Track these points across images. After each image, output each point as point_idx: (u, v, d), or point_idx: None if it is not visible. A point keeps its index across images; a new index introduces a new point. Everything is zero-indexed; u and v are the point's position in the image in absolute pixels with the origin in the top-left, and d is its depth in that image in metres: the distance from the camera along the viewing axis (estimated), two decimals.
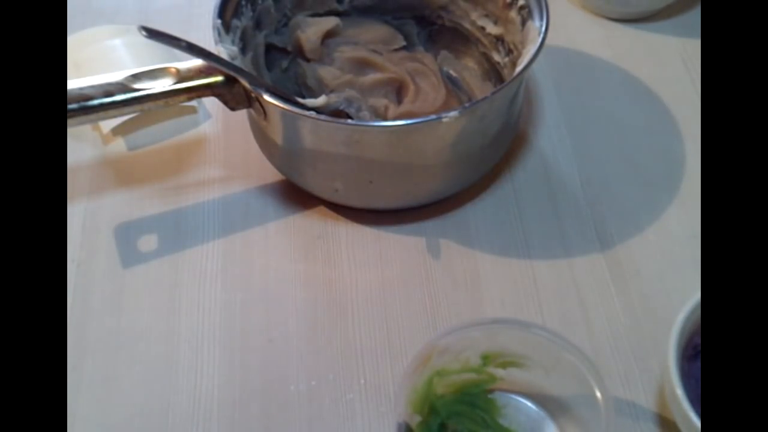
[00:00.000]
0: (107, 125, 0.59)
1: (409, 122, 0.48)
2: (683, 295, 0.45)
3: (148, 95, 0.49)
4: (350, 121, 0.54)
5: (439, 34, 0.63)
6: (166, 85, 0.49)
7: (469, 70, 0.62)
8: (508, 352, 0.43)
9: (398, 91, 0.59)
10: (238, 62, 0.51)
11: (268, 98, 0.48)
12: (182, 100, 0.50)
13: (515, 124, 0.56)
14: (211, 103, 0.62)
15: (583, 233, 0.54)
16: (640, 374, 0.47)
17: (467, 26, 0.61)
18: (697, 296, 0.42)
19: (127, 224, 0.55)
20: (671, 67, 0.64)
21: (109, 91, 0.48)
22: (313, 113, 0.48)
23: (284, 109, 0.48)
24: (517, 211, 0.55)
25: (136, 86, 0.49)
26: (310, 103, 0.52)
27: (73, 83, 0.48)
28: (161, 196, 0.57)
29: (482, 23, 0.59)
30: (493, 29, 0.59)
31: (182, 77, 0.50)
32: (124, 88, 0.48)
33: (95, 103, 0.48)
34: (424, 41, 0.63)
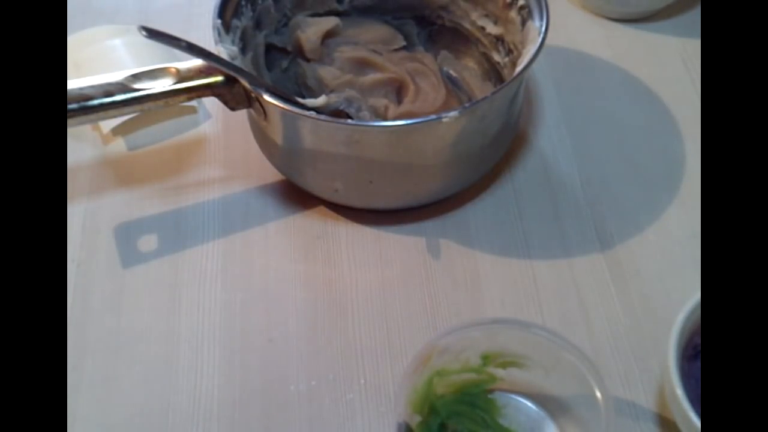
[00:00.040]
0: (107, 125, 0.59)
1: (409, 122, 0.48)
2: (683, 295, 0.44)
3: (148, 95, 0.49)
4: (350, 121, 0.54)
5: (439, 34, 0.63)
6: (166, 85, 0.49)
7: (469, 70, 0.62)
8: (508, 352, 0.43)
9: (398, 91, 0.59)
10: (238, 62, 0.51)
11: (268, 98, 0.48)
12: (182, 100, 0.50)
13: (515, 124, 0.56)
14: (211, 103, 0.62)
15: (583, 233, 0.54)
16: (640, 374, 0.47)
17: (467, 26, 0.61)
18: (697, 296, 0.42)
19: (127, 224, 0.55)
20: (671, 67, 0.64)
21: (109, 91, 0.48)
22: (313, 113, 0.48)
23: (284, 109, 0.48)
24: (517, 211, 0.55)
25: (136, 86, 0.49)
26: (310, 103, 0.52)
27: (73, 83, 0.48)
28: (161, 196, 0.57)
29: (482, 23, 0.59)
30: (493, 29, 0.59)
31: (182, 77, 0.50)
32: (124, 88, 0.48)
33: (95, 103, 0.48)
34: (424, 41, 0.63)
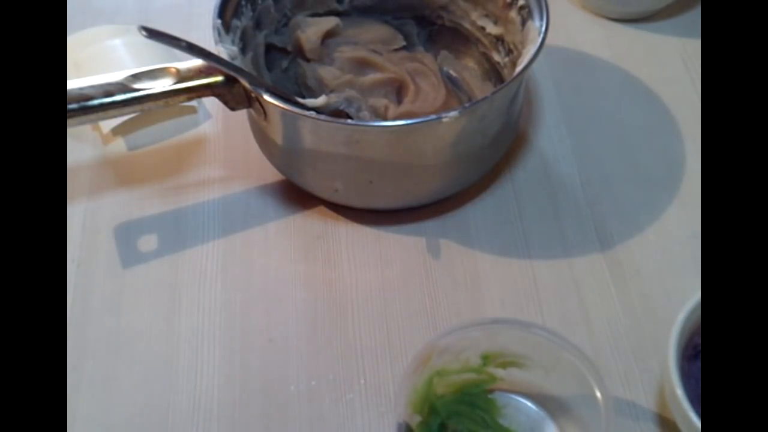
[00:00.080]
0: (107, 125, 0.59)
1: (409, 122, 0.48)
2: (683, 295, 0.44)
3: (148, 95, 0.49)
4: (350, 121, 0.54)
5: (439, 34, 0.63)
6: (166, 85, 0.49)
7: (469, 70, 0.62)
8: (508, 352, 0.43)
9: (398, 91, 0.59)
10: (238, 62, 0.51)
11: (268, 98, 0.48)
12: (182, 100, 0.50)
13: (515, 124, 0.56)
14: (211, 103, 0.62)
15: (583, 233, 0.54)
16: (640, 374, 0.47)
17: (467, 26, 0.61)
18: (697, 296, 0.42)
19: (127, 224, 0.55)
20: (671, 67, 0.64)
21: (109, 91, 0.48)
22: (313, 113, 0.48)
23: (284, 109, 0.48)
24: (517, 211, 0.55)
25: (136, 86, 0.49)
26: (310, 103, 0.52)
27: (73, 83, 0.48)
28: (161, 196, 0.57)
29: (482, 23, 0.59)
30: (493, 29, 0.59)
31: (182, 77, 0.50)
32: (124, 88, 0.48)
33: (95, 103, 0.48)
34: (424, 41, 0.63)
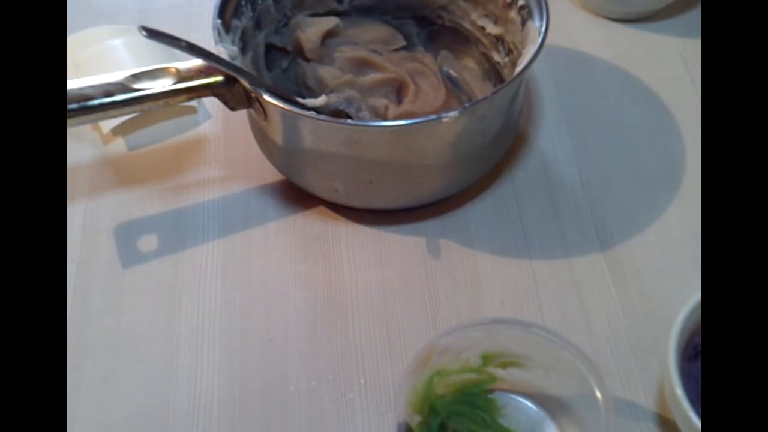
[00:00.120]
0: (107, 125, 0.59)
1: (409, 122, 0.48)
2: (683, 295, 0.44)
3: (148, 95, 0.49)
4: (350, 121, 0.54)
5: (439, 34, 0.63)
6: (166, 85, 0.49)
7: (469, 70, 0.62)
8: (508, 352, 0.43)
9: (398, 91, 0.59)
10: (238, 62, 0.51)
11: (268, 98, 0.48)
12: (182, 100, 0.50)
13: (515, 124, 0.56)
14: (211, 103, 0.62)
15: (583, 233, 0.54)
16: (640, 374, 0.47)
17: (467, 26, 0.61)
18: (697, 296, 0.42)
19: (127, 224, 0.55)
20: (671, 67, 0.64)
21: (109, 91, 0.48)
22: (313, 113, 0.48)
23: (284, 109, 0.48)
24: (517, 211, 0.55)
25: (136, 86, 0.49)
26: (310, 103, 0.52)
27: (73, 83, 0.48)
28: (161, 196, 0.57)
29: (482, 23, 0.59)
30: (493, 29, 0.59)
31: (182, 77, 0.50)
32: (124, 88, 0.48)
33: (95, 103, 0.48)
34: (424, 41, 0.63)
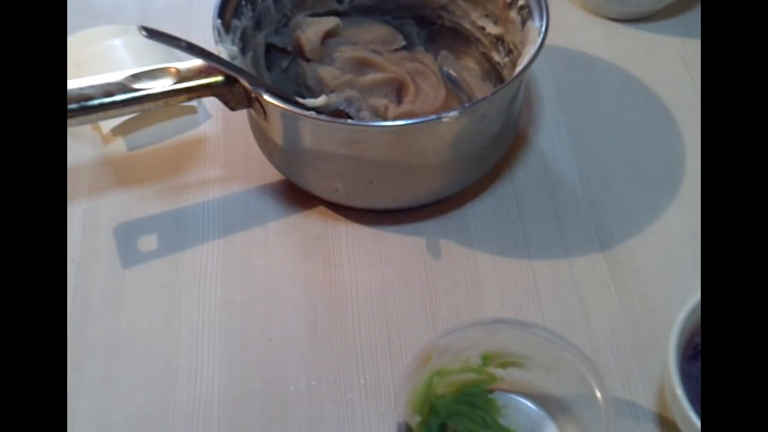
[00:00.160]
0: (107, 125, 0.59)
1: (409, 122, 0.48)
2: (683, 295, 0.44)
3: (148, 95, 0.49)
4: (350, 121, 0.54)
5: (439, 34, 0.63)
6: (166, 85, 0.49)
7: (469, 70, 0.62)
8: (508, 352, 0.43)
9: (398, 91, 0.59)
10: (238, 62, 0.51)
11: (268, 98, 0.48)
12: (182, 100, 0.50)
13: (515, 124, 0.56)
14: (211, 103, 0.62)
15: (583, 233, 0.54)
16: (640, 374, 0.47)
17: (467, 26, 0.61)
18: (697, 296, 0.42)
19: (127, 224, 0.55)
20: (671, 67, 0.64)
21: (109, 91, 0.48)
22: (313, 113, 0.48)
23: (284, 109, 0.48)
24: (517, 211, 0.55)
25: (136, 86, 0.49)
26: (310, 103, 0.52)
27: (73, 83, 0.48)
28: (161, 196, 0.57)
29: (482, 23, 0.59)
30: (493, 29, 0.59)
31: (182, 77, 0.50)
32: (124, 88, 0.48)
33: (95, 103, 0.48)
34: (424, 41, 0.63)
